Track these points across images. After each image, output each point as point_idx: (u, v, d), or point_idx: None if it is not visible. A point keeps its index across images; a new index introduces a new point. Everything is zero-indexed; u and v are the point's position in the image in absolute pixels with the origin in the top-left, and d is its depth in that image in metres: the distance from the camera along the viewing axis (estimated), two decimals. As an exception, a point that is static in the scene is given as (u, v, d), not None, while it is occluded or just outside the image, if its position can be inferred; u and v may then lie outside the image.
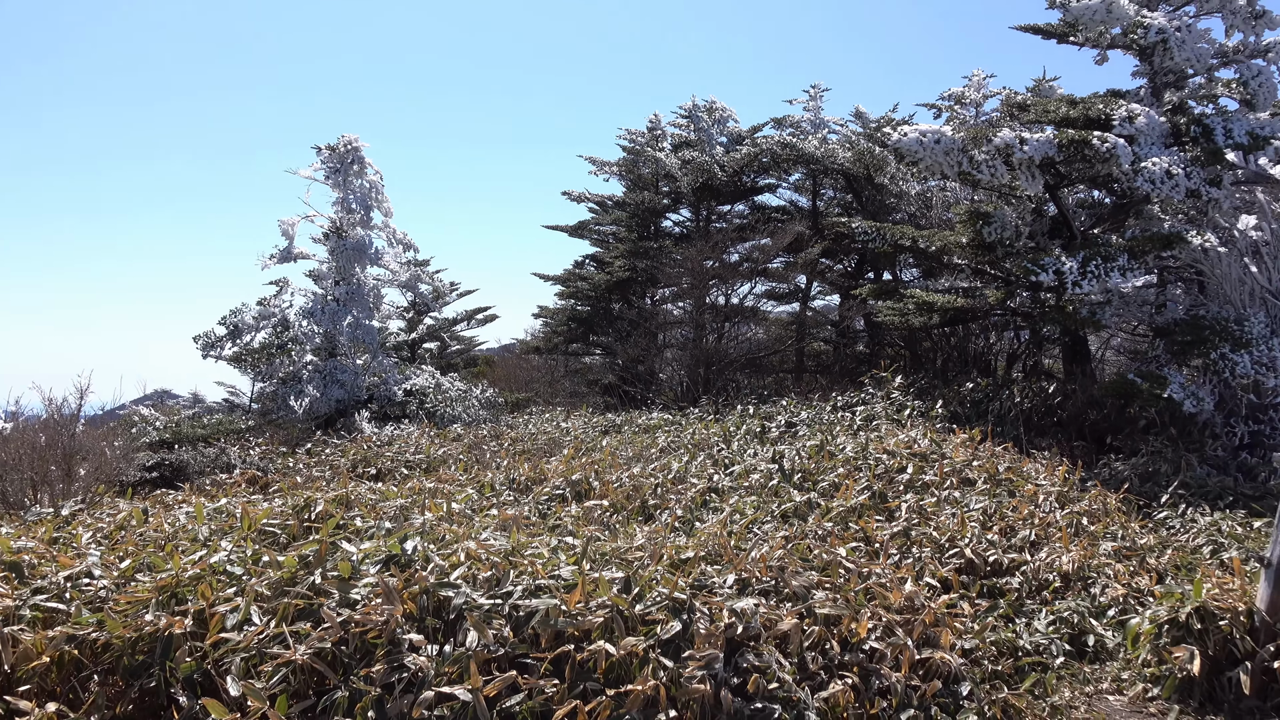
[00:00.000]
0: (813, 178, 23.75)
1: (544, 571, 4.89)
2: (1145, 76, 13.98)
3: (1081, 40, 14.03)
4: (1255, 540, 7.54)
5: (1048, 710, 5.08)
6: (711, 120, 25.81)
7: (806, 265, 21.79)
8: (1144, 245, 11.91)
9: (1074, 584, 6.58)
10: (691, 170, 23.47)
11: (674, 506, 8.11)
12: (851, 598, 5.33)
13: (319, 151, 18.64)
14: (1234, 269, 12.27)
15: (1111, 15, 12.98)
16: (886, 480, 8.61)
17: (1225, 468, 10.56)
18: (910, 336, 20.53)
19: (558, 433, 14.51)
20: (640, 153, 25.07)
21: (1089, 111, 12.87)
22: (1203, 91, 14.18)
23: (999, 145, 12.10)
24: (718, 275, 21.32)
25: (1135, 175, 11.74)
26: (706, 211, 25.64)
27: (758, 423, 12.97)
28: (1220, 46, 13.57)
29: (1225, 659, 5.17)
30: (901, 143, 12.71)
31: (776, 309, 25.51)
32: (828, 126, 25.18)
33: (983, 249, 13.92)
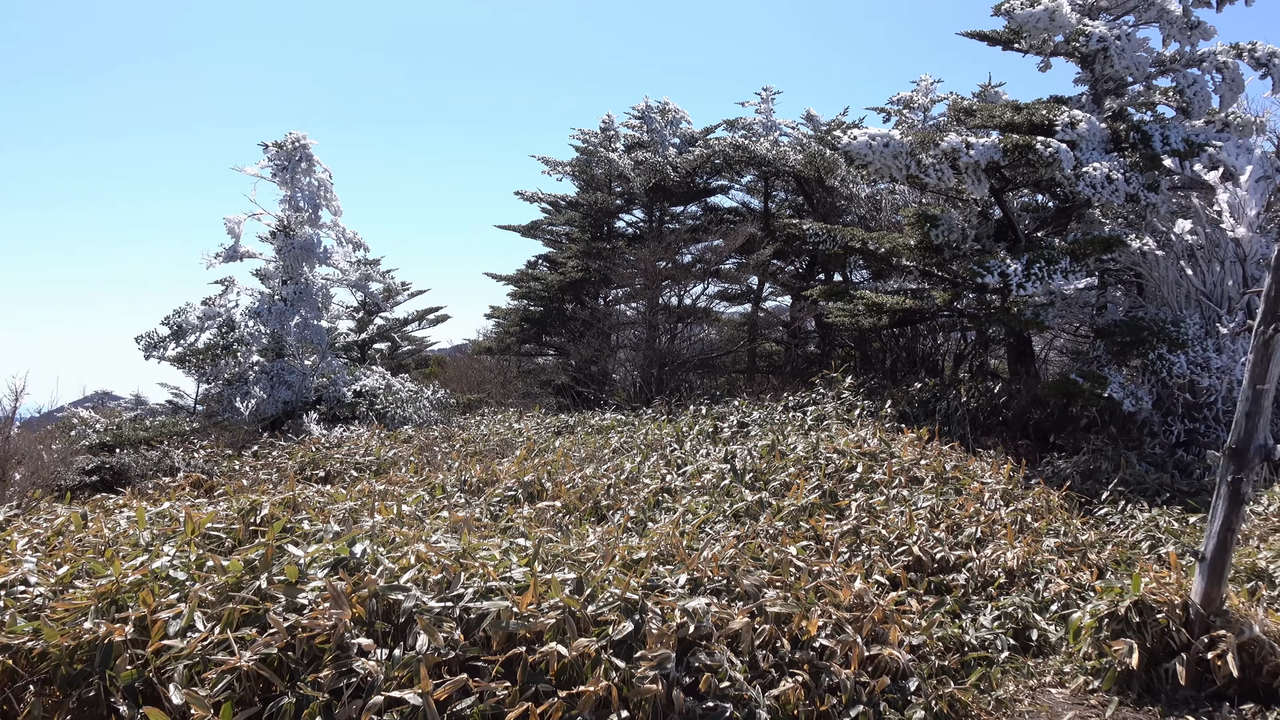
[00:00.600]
0: (765, 179, 23.93)
1: (495, 573, 4.86)
2: (1087, 84, 14.32)
3: (1025, 47, 14.33)
4: (1191, 535, 7.77)
5: (993, 704, 5.18)
6: (664, 121, 25.88)
7: (758, 266, 21.95)
8: (1085, 248, 12.20)
9: (1018, 580, 6.72)
10: (644, 171, 23.51)
11: (627, 507, 8.12)
12: (802, 596, 5.38)
13: (266, 148, 18.31)
14: (1171, 272, 12.62)
15: (1054, 23, 13.27)
16: (837, 479, 8.71)
17: (1163, 465, 10.86)
18: (860, 337, 20.79)
19: (510, 434, 14.43)
20: (593, 153, 25.04)
21: (1033, 117, 13.15)
22: (1141, 99, 14.57)
23: (946, 149, 12.30)
24: (671, 276, 21.38)
25: (1077, 180, 12.02)
26: (659, 212, 25.70)
27: (710, 423, 13.03)
28: (1158, 55, 13.95)
29: (1162, 651, 5.31)
30: (851, 146, 12.87)
31: (729, 310, 25.66)
32: (779, 129, 25.39)
33: (930, 251, 14.15)
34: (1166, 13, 13.84)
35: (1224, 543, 5.19)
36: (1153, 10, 13.92)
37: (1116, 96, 14.40)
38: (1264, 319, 5.00)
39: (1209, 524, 5.29)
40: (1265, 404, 5.11)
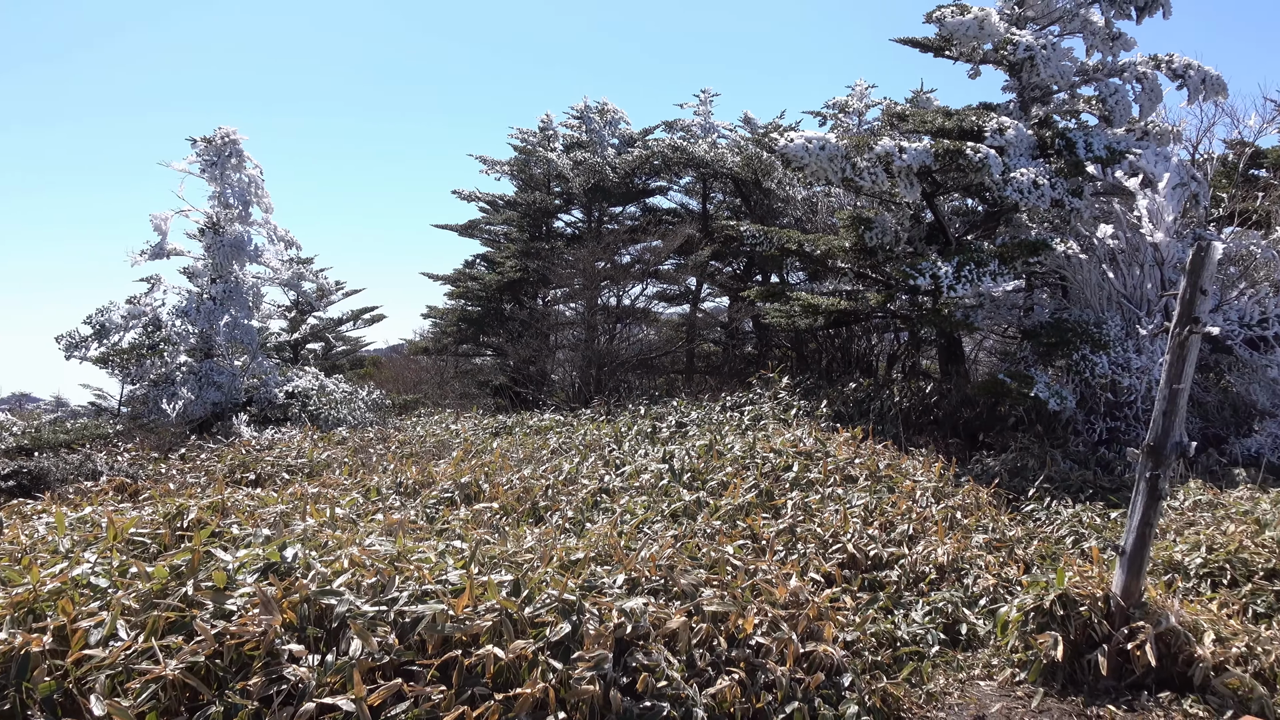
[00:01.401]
0: (703, 181, 24.08)
1: (431, 576, 4.80)
2: (1014, 91, 14.72)
3: (956, 55, 14.66)
4: (1112, 530, 8.04)
5: (924, 697, 5.29)
6: (603, 122, 25.88)
7: (697, 267, 22.07)
8: (1013, 252, 12.53)
9: (949, 575, 6.87)
10: (583, 171, 23.47)
11: (565, 508, 8.10)
12: (739, 594, 5.43)
13: (194, 143, 17.84)
14: (1093, 275, 13.03)
15: (983, 32, 13.61)
16: (773, 478, 8.80)
17: (1086, 462, 11.22)
18: (797, 338, 21.05)
19: (447, 435, 14.28)
20: (532, 152, 24.92)
21: (963, 123, 13.47)
22: (1066, 107, 15.03)
23: (880, 153, 12.52)
24: (609, 276, 21.39)
25: (1005, 185, 12.34)
26: (598, 213, 25.68)
27: (649, 423, 13.06)
28: (1082, 65, 14.41)
29: (1085, 642, 5.48)
30: (788, 148, 13.02)
31: (667, 310, 25.77)
32: (717, 131, 25.57)
33: (865, 253, 14.39)
34: (1090, 24, 14.30)
35: (1143, 537, 5.37)
36: (1077, 21, 14.37)
37: (1043, 104, 14.82)
38: (1179, 321, 5.19)
39: (1128, 519, 5.47)
40: (1181, 403, 5.30)
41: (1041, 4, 14.64)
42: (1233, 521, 7.66)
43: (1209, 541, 7.21)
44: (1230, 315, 12.40)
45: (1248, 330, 12.29)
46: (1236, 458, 11.10)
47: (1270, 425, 11.50)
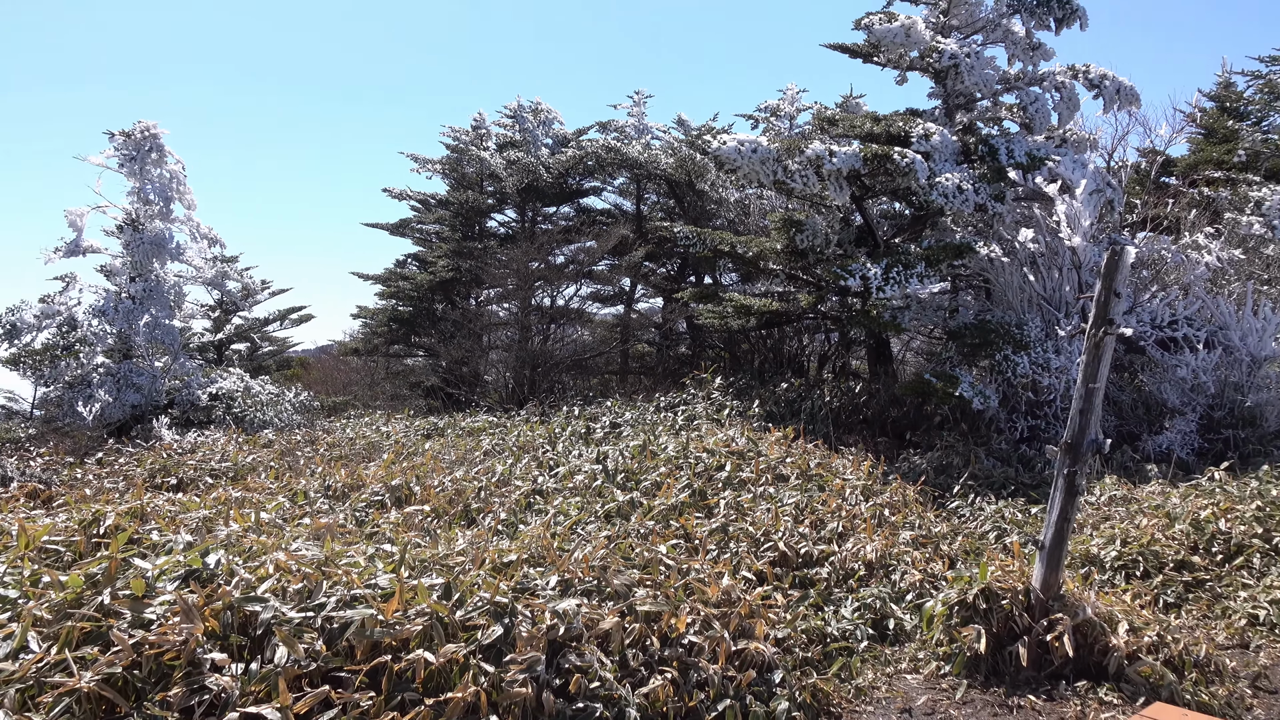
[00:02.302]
0: (637, 182, 24.14)
1: (360, 581, 4.72)
2: (940, 98, 15.08)
3: (884, 61, 14.96)
4: (1033, 525, 8.29)
5: (853, 692, 5.39)
6: (537, 121, 25.76)
7: (631, 268, 22.12)
8: (939, 254, 12.84)
9: (877, 572, 7.01)
10: (517, 171, 23.34)
11: (497, 510, 8.04)
12: (672, 594, 5.45)
13: (112, 137, 17.23)
14: (1015, 278, 13.43)
15: (910, 39, 13.92)
16: (706, 478, 8.86)
17: (1008, 460, 11.54)
18: (730, 339, 21.23)
19: (377, 437, 14.06)
20: (464, 151, 24.68)
21: (890, 128, 13.75)
22: (989, 114, 15.45)
23: (810, 156, 12.71)
24: (543, 277, 21.30)
25: (931, 189, 12.63)
26: (532, 213, 25.55)
27: (583, 424, 13.05)
28: (1004, 73, 14.83)
29: (1007, 635, 5.64)
30: (721, 151, 13.14)
31: (602, 311, 25.75)
32: (651, 132, 25.66)
33: (796, 255, 14.59)
34: (1011, 34, 14.73)
35: (1061, 532, 5.55)
36: (999, 31, 14.78)
37: (967, 111, 15.22)
38: (1095, 322, 5.38)
39: (1047, 514, 5.65)
40: (1096, 401, 5.50)
41: (965, 13, 15.03)
42: (1145, 516, 7.97)
43: (1123, 535, 7.50)
44: (1143, 317, 12.89)
45: (1159, 331, 12.79)
46: (1149, 454, 11.53)
47: (1180, 423, 11.98)
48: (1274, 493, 7.93)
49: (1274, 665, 5.70)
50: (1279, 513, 7.52)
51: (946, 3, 14.92)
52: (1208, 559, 7.15)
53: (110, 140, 17.25)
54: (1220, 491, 8.38)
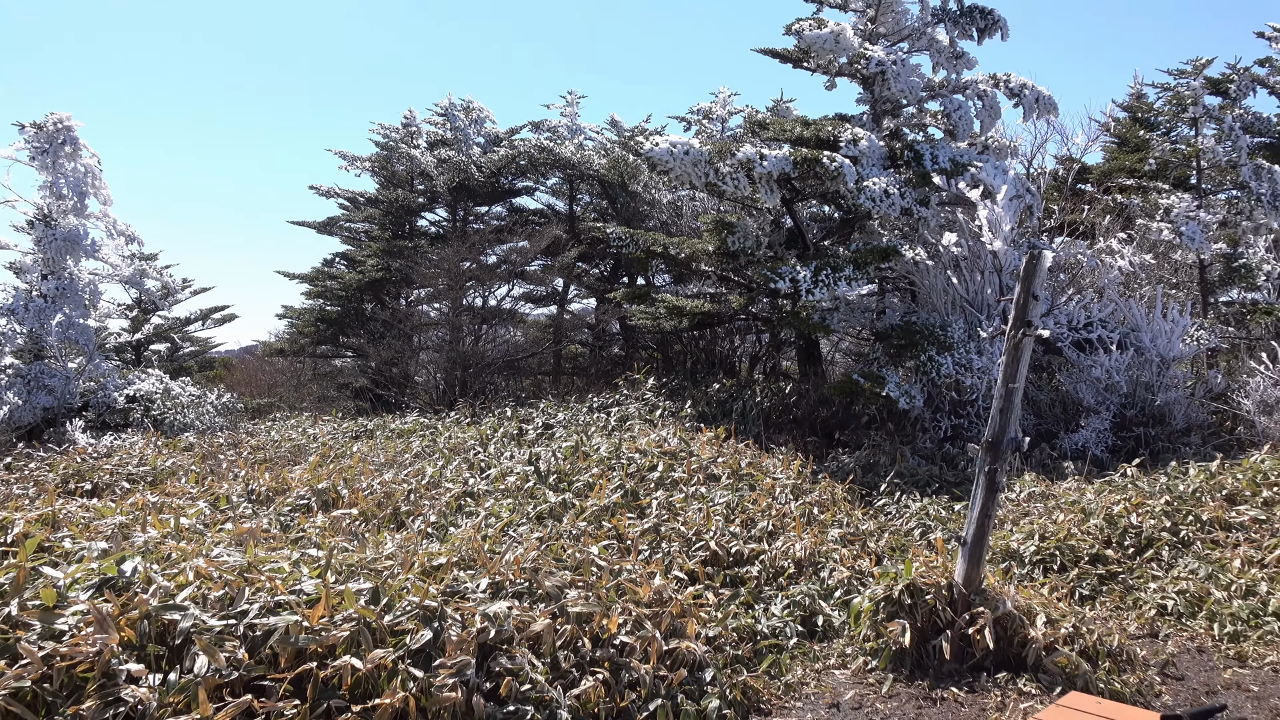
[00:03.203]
0: (569, 182, 24.07)
1: (284, 587, 4.61)
2: (868, 104, 15.37)
3: (814, 66, 15.20)
4: (956, 522, 8.50)
5: (782, 688, 5.46)
6: (468, 120, 25.50)
7: (563, 268, 22.04)
8: (866, 257, 13.08)
9: (806, 569, 7.11)
10: (448, 169, 23.08)
11: (427, 512, 7.93)
12: (603, 595, 5.45)
13: (22, 129, 16.53)
14: (939, 280, 13.76)
15: (839, 46, 14.16)
16: (638, 478, 8.88)
17: (933, 458, 11.82)
18: (662, 339, 21.31)
19: (304, 439, 13.76)
20: (394, 149, 24.31)
21: (820, 133, 13.97)
22: (915, 120, 15.81)
23: (742, 159, 12.84)
24: (475, 277, 21.09)
25: (859, 193, 12.87)
26: (463, 212, 25.29)
27: (515, 425, 12.96)
28: (929, 81, 15.19)
29: (931, 629, 5.77)
30: (654, 152, 13.19)
31: (534, 311, 25.60)
32: (584, 133, 25.61)
33: (728, 257, 14.72)
34: (936, 42, 15.09)
35: (982, 528, 5.71)
36: (924, 39, 15.13)
37: (893, 117, 15.54)
38: (1014, 324, 5.55)
39: (969, 511, 5.80)
40: (1016, 401, 5.66)
41: (892, 21, 15.35)
42: (1062, 511, 8.24)
43: (1041, 530, 7.74)
44: (1060, 319, 13.32)
45: (1075, 333, 13.23)
46: (1066, 451, 11.92)
47: (1095, 421, 12.41)
48: (1181, 488, 8.27)
49: (1181, 653, 5.94)
50: (1186, 507, 7.84)
51: (874, 10, 15.23)
52: (1120, 552, 7.42)
53: (20, 132, 16.55)
54: (1132, 487, 8.70)
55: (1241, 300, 16.67)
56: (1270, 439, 10.83)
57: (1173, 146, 18.21)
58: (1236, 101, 18.57)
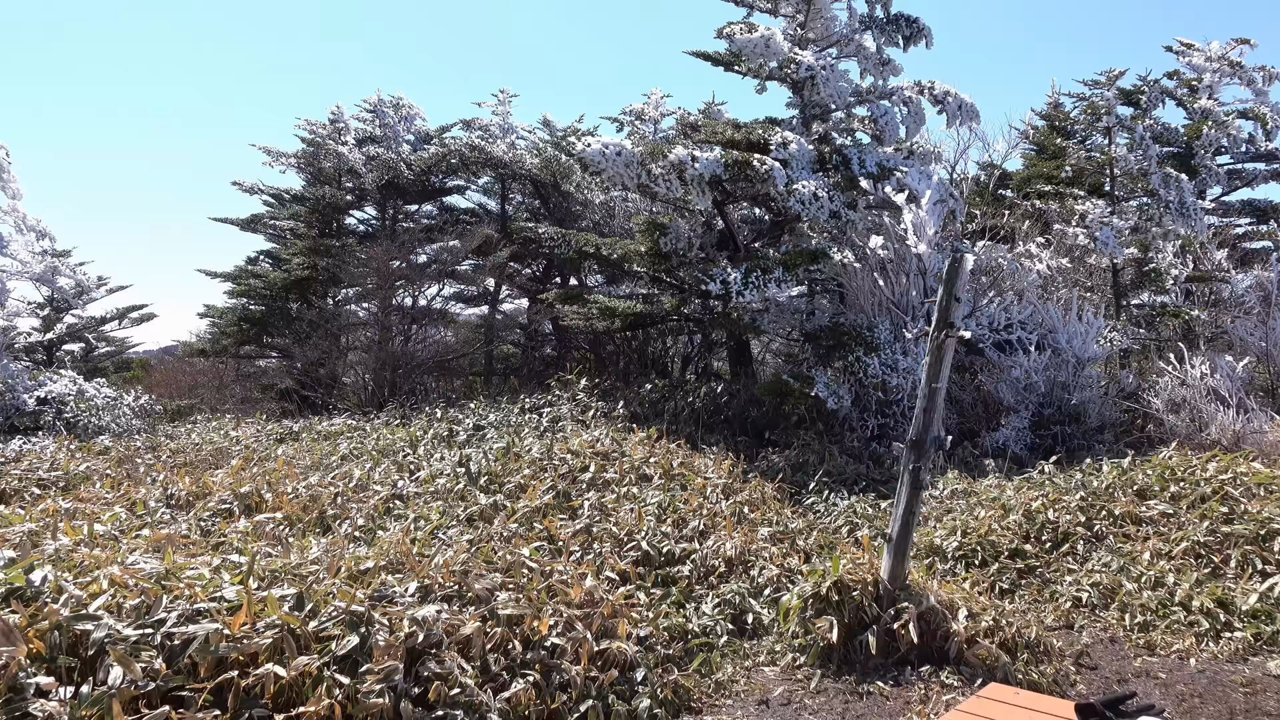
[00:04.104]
0: (502, 182, 23.90)
1: (204, 594, 4.49)
2: (797, 108, 15.58)
3: (745, 70, 15.35)
4: (882, 519, 8.67)
5: (713, 686, 5.51)
6: (398, 117, 25.13)
7: (495, 269, 21.87)
8: (796, 259, 13.27)
9: (736, 568, 7.19)
10: (377, 167, 22.72)
11: (355, 516, 7.81)
12: (534, 597, 5.43)
13: (-79, 118, 15.79)
14: (866, 282, 14.03)
15: (769, 50, 14.33)
16: (571, 480, 8.87)
17: (860, 456, 12.04)
18: (595, 340, 21.29)
19: (226, 442, 13.39)
20: (321, 145, 23.82)
21: (751, 136, 14.12)
22: (843, 125, 16.09)
23: (674, 161, 12.91)
24: (405, 276, 20.79)
25: (789, 196, 13.05)
26: (393, 210, 24.91)
27: (445, 426, 12.82)
28: (856, 87, 15.47)
29: (858, 625, 5.88)
30: (586, 153, 13.18)
31: (466, 312, 25.34)
32: (516, 132, 25.45)
33: (660, 258, 14.79)
34: (863, 49, 15.38)
35: (907, 525, 5.84)
36: (852, 46, 15.42)
37: (822, 121, 15.79)
38: (937, 326, 5.69)
39: (894, 508, 5.93)
40: (939, 401, 5.81)
41: (821, 27, 15.59)
42: (983, 508, 8.47)
43: (964, 526, 7.95)
44: (982, 321, 13.69)
45: (996, 335, 13.62)
46: (987, 449, 12.24)
47: (1015, 420, 12.78)
48: (1095, 484, 8.57)
49: (1095, 644, 6.16)
50: (1099, 502, 8.13)
51: (804, 16, 15.45)
52: (1038, 547, 7.66)
53: (-80, 122, 15.80)
54: (1049, 484, 8.99)
55: (1151, 303, 17.35)
56: (1178, 436, 11.29)
57: (1088, 154, 18.87)
58: (1147, 112, 19.34)
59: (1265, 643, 5.92)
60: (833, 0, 15.52)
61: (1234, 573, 6.77)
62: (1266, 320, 14.52)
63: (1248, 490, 7.81)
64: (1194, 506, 7.72)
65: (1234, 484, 7.90)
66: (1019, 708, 4.49)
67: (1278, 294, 15.02)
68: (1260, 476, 8.02)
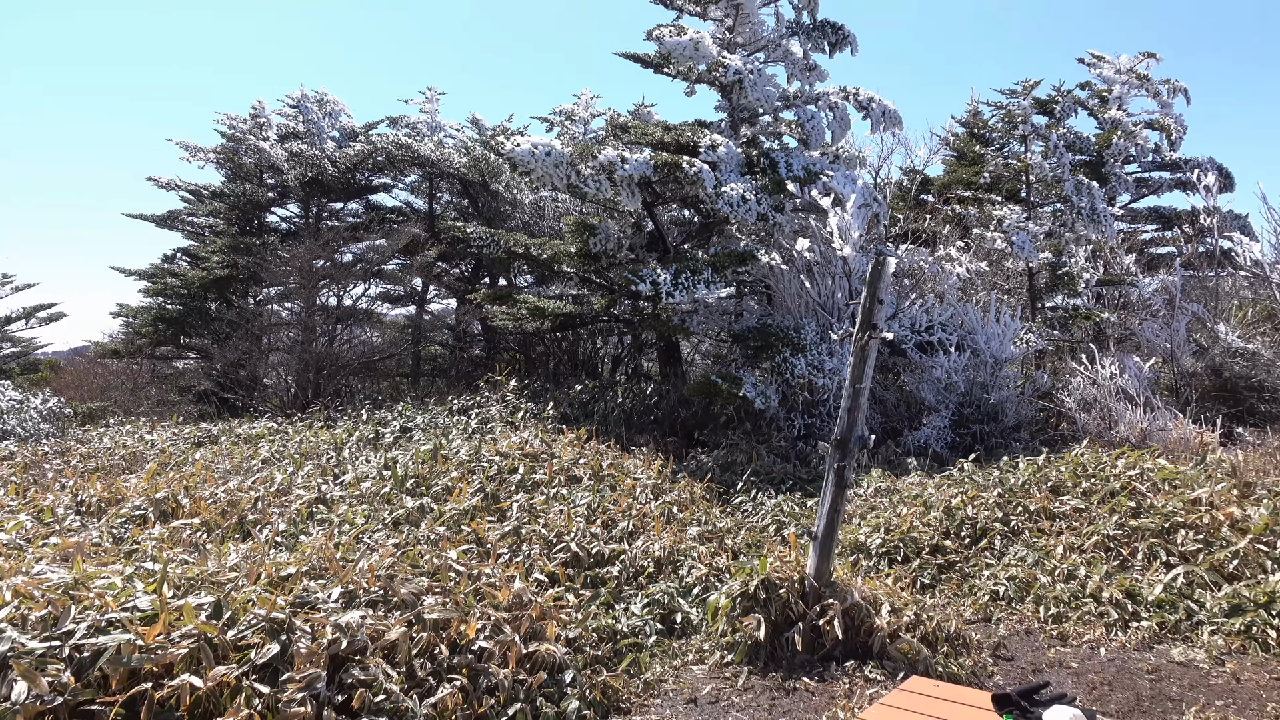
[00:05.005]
0: (429, 180, 23.61)
1: (115, 604, 4.33)
2: (726, 111, 15.74)
3: (674, 73, 15.44)
4: (808, 517, 8.81)
5: (642, 686, 5.52)
6: (322, 113, 24.63)
7: (423, 268, 21.59)
8: (724, 261, 13.39)
9: (666, 568, 7.22)
10: (300, 163, 22.22)
11: (277, 521, 7.62)
12: (462, 600, 5.37)
13: None
14: (793, 284, 14.24)
15: (698, 53, 14.43)
16: (499, 481, 8.80)
17: (787, 456, 12.21)
18: (525, 341, 21.18)
19: (141, 446, 12.94)
20: (242, 140, 23.21)
21: (680, 138, 14.20)
22: (771, 129, 16.30)
23: (603, 162, 12.91)
24: (329, 275, 20.37)
25: (717, 198, 13.16)
26: (317, 208, 24.39)
27: (371, 429, 12.61)
28: (784, 91, 15.69)
29: (784, 622, 5.96)
30: (515, 153, 13.10)
31: (392, 312, 24.97)
32: (444, 130, 25.18)
33: (590, 259, 14.78)
34: (790, 54, 15.60)
35: (832, 523, 5.94)
36: (779, 51, 15.63)
37: (750, 125, 15.97)
38: (861, 327, 5.80)
39: (820, 506, 6.02)
40: (863, 400, 5.92)
41: (749, 32, 15.77)
42: (906, 505, 8.67)
43: (887, 524, 8.12)
44: (904, 322, 14.01)
45: (918, 336, 13.95)
46: (910, 448, 12.53)
47: (936, 419, 13.11)
48: (1011, 481, 8.84)
49: (1011, 635, 6.36)
50: (1016, 498, 8.39)
51: (732, 20, 15.61)
52: (958, 542, 7.87)
53: None
54: (969, 481, 9.24)
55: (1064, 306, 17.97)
56: (1089, 434, 11.71)
57: (1005, 161, 19.47)
58: (1060, 121, 20.02)
59: (1169, 631, 6.19)
60: (761, 5, 15.72)
61: (1141, 564, 7.05)
62: (1171, 322, 15.19)
63: (1154, 485, 8.14)
64: (1104, 501, 8.01)
65: (1141, 479, 8.24)
66: (939, 699, 4.61)
67: (1181, 297, 15.71)
68: (1165, 472, 8.37)
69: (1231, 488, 7.93)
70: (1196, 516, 7.34)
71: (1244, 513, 7.24)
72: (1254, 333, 15.97)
